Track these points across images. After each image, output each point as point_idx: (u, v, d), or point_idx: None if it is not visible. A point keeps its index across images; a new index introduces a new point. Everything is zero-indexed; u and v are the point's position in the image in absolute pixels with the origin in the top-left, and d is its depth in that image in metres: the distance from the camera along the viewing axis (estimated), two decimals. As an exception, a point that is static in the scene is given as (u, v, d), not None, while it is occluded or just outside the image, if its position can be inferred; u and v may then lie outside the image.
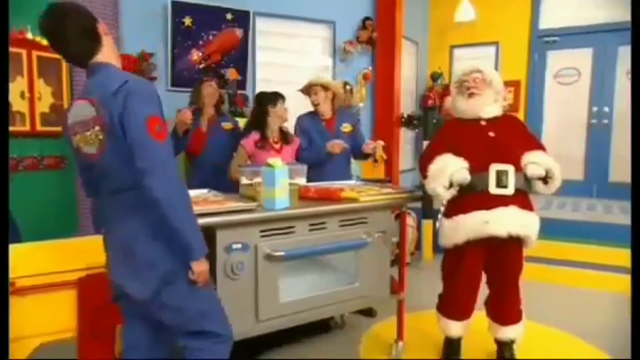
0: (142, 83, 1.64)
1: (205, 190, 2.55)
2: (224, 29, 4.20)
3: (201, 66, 4.12)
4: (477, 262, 2.51)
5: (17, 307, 1.80)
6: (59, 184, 3.77)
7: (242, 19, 4.27)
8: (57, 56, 3.45)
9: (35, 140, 3.57)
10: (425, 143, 4.89)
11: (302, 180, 2.77)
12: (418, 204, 4.77)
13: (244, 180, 2.54)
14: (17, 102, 3.27)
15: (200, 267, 1.62)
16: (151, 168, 1.51)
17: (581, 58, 5.70)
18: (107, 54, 1.66)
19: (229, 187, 2.77)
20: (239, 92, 4.29)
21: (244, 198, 2.35)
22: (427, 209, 4.73)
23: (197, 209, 2.00)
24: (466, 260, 2.49)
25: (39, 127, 3.51)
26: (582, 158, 5.71)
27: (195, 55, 4.10)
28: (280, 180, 2.18)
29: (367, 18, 4.99)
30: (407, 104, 5.65)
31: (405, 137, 5.67)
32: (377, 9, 5.06)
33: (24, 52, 3.29)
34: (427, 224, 4.75)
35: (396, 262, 2.88)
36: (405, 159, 5.72)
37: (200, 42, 4.12)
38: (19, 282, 1.77)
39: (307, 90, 3.30)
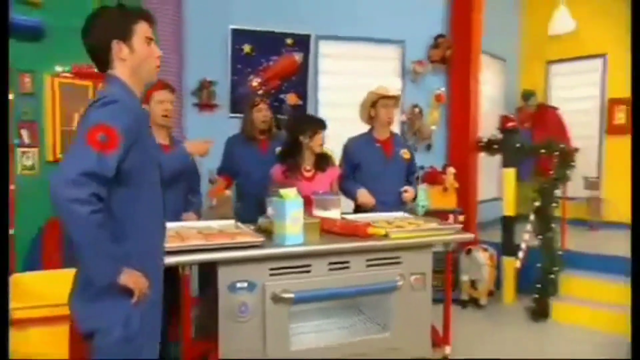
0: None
1: (231, 222, 2.42)
2: (284, 53, 4.14)
3: (260, 92, 4.08)
4: None
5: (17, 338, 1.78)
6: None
7: (303, 43, 4.18)
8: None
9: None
10: (505, 170, 4.35)
11: (337, 213, 2.53)
12: (498, 239, 4.29)
13: (269, 212, 2.38)
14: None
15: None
16: None
17: None
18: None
19: None
20: (299, 117, 4.19)
21: (260, 232, 2.17)
22: (507, 245, 4.18)
23: (196, 243, 1.88)
24: None
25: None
26: None
27: (255, 81, 4.09)
28: (291, 213, 1.97)
29: (440, 35, 4.64)
30: (491, 127, 5.12)
31: (491, 164, 5.11)
32: (451, 26, 4.69)
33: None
34: (508, 261, 4.17)
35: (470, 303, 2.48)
36: (489, 187, 5.16)
37: (260, 68, 4.10)
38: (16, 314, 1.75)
39: (374, 104, 3.00)
